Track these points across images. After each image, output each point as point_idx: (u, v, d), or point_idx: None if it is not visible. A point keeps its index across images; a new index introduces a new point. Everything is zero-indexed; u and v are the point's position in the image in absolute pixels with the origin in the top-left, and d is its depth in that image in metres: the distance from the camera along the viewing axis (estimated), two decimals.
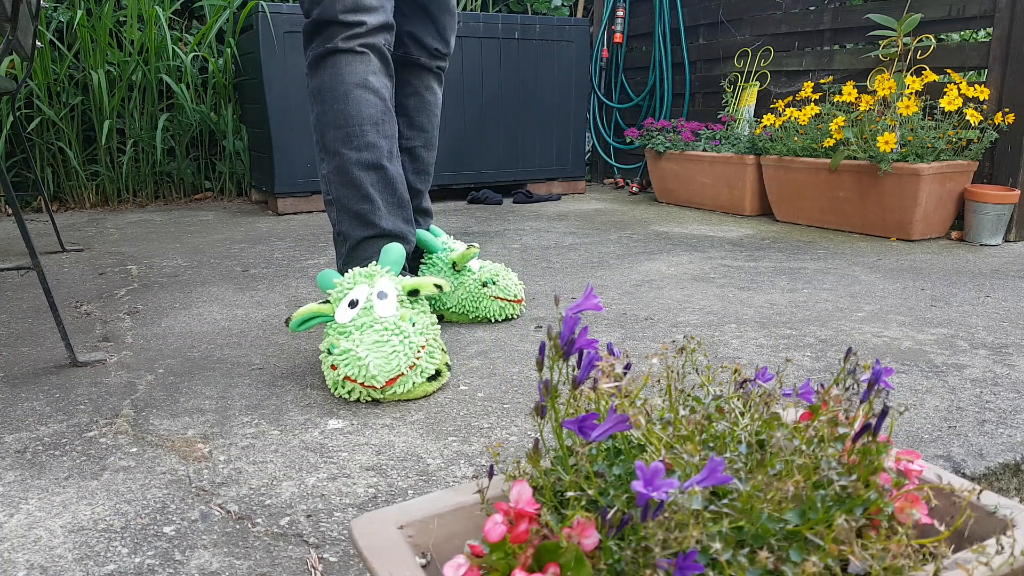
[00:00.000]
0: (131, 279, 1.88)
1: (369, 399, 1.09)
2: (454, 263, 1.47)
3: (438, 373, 1.13)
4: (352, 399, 1.09)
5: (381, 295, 1.15)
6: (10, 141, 3.07)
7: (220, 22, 3.22)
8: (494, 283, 1.47)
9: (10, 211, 3.02)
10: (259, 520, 0.78)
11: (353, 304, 1.14)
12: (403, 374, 1.07)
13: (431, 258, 1.51)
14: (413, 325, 1.13)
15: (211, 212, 3.06)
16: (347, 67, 1.27)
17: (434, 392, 1.12)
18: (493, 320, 1.48)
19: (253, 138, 3.16)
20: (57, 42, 3.04)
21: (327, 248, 2.25)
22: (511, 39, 3.23)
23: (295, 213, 2.96)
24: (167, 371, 1.23)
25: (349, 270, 1.22)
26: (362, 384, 1.06)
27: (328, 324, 1.15)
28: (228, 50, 3.20)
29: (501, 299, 1.47)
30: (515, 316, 1.50)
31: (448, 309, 1.49)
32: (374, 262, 1.23)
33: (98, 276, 1.92)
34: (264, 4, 2.72)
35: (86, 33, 3.00)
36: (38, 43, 1.90)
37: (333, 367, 1.09)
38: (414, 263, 1.53)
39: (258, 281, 1.84)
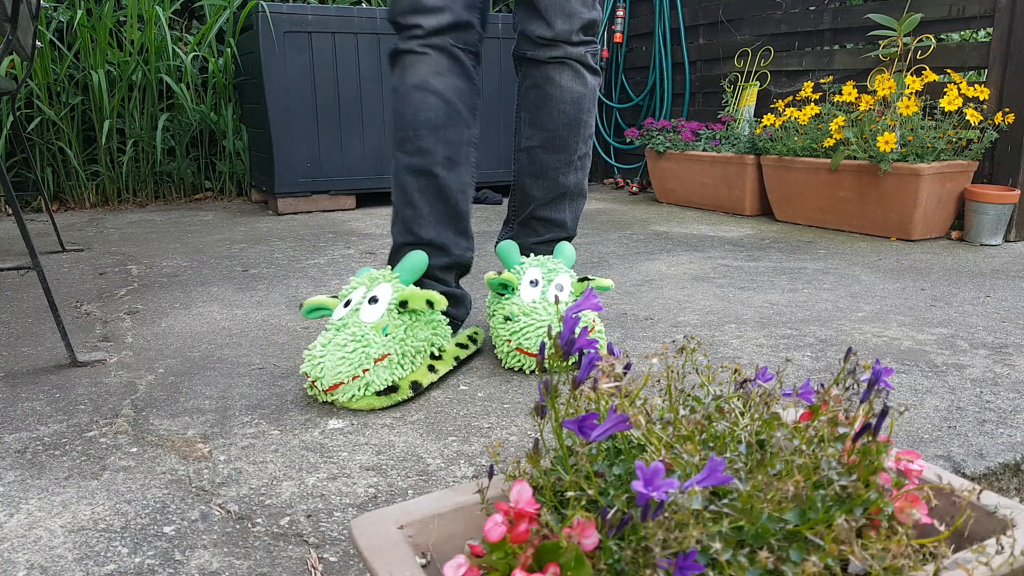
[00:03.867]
0: (131, 279, 1.88)
1: (323, 400, 1.08)
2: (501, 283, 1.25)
3: (396, 387, 1.08)
4: (312, 396, 1.10)
5: (372, 300, 1.12)
6: (10, 141, 3.07)
7: (220, 22, 3.22)
8: (515, 322, 1.19)
9: (10, 211, 3.02)
10: (259, 520, 0.78)
11: (348, 304, 1.13)
12: (344, 383, 1.05)
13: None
14: (385, 335, 1.10)
15: (211, 212, 3.06)
16: (409, 68, 1.24)
17: (382, 407, 1.07)
18: (504, 364, 1.22)
19: (253, 138, 3.16)
20: (57, 42, 3.04)
21: (327, 248, 2.25)
22: (511, 39, 3.23)
23: (295, 213, 2.96)
24: (167, 371, 1.23)
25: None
26: (312, 383, 1.07)
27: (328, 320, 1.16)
28: (228, 50, 3.20)
29: (514, 346, 1.19)
30: (530, 370, 1.20)
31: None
32: (389, 267, 1.21)
33: (98, 276, 1.92)
34: (264, 4, 2.72)
35: (86, 33, 3.00)
36: (38, 43, 1.90)
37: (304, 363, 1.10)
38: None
39: (258, 281, 1.84)
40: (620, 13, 3.68)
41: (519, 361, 1.19)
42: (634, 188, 3.58)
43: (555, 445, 0.59)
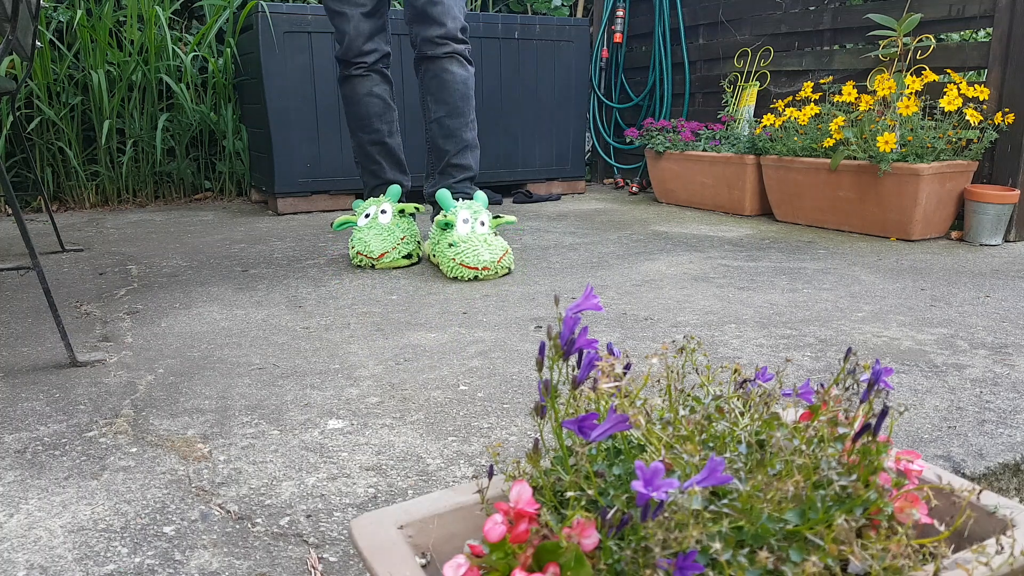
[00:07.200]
0: (131, 279, 1.88)
1: (370, 266, 1.93)
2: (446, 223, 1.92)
3: (411, 255, 1.96)
4: (362, 267, 1.94)
5: (383, 212, 1.97)
6: (10, 141, 3.07)
7: (220, 22, 3.22)
8: (456, 247, 1.84)
9: (10, 211, 3.02)
10: (259, 520, 0.78)
11: (368, 216, 1.97)
12: (387, 252, 1.92)
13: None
14: (398, 227, 1.96)
15: (211, 212, 3.06)
16: (359, 84, 2.04)
17: (408, 265, 1.97)
18: (448, 275, 1.85)
19: (253, 138, 3.16)
20: (57, 42, 3.04)
21: (327, 248, 2.25)
22: (511, 39, 3.23)
23: (295, 213, 2.96)
24: (167, 371, 1.23)
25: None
26: (366, 256, 1.92)
27: (354, 228, 1.98)
28: (228, 50, 3.20)
29: (458, 263, 1.81)
30: (468, 279, 1.81)
31: (433, 255, 1.99)
32: (382, 195, 2.04)
33: (98, 276, 1.92)
34: (264, 4, 2.72)
35: (86, 33, 3.00)
36: (38, 43, 1.90)
37: (352, 247, 1.94)
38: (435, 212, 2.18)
39: (258, 281, 1.84)
40: (620, 13, 3.68)
41: (463, 273, 1.81)
42: (634, 188, 3.58)
43: (555, 445, 0.59)
